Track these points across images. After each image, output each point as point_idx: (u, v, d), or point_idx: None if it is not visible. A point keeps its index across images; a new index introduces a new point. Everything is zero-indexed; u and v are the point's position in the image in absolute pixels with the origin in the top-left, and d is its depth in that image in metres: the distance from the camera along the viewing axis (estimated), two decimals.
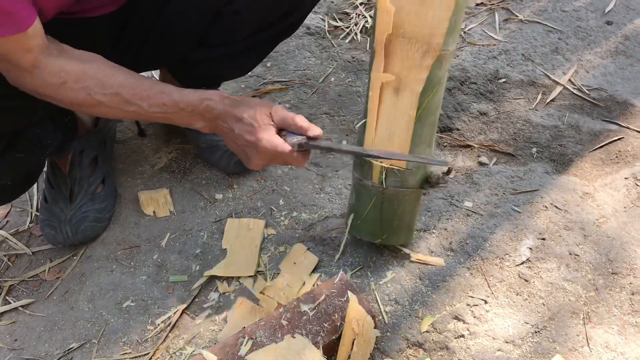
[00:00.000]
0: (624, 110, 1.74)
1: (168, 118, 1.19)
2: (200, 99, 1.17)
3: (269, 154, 1.17)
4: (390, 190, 1.22)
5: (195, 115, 1.18)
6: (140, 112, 1.16)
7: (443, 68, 1.14)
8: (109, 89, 1.12)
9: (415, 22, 1.08)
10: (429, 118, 1.18)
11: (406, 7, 1.07)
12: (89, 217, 1.48)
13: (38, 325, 1.35)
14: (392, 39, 1.11)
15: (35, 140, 1.35)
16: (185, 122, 1.21)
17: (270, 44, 1.52)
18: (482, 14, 2.22)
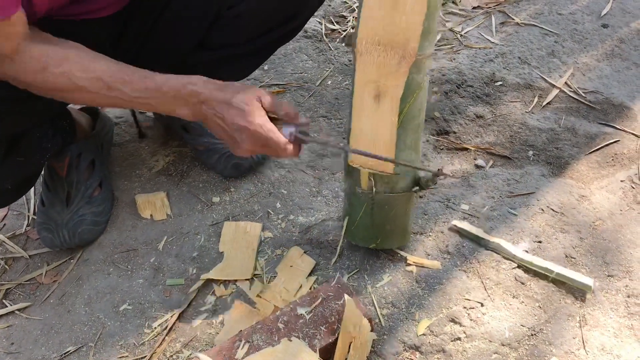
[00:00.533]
0: (620, 113, 1.75)
1: (150, 104, 1.15)
2: (183, 83, 1.13)
3: (262, 138, 1.12)
4: (380, 195, 1.23)
5: (179, 100, 1.14)
6: (122, 97, 1.12)
7: (421, 72, 1.12)
8: (90, 73, 1.09)
9: (389, 28, 1.06)
10: (411, 123, 1.17)
11: (379, 14, 1.06)
12: (86, 221, 1.48)
13: (35, 328, 1.35)
14: (369, 47, 1.10)
15: (36, 144, 1.35)
16: (169, 108, 1.15)
17: (271, 48, 1.52)
18: (479, 17, 2.22)
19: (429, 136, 1.72)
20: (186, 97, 1.13)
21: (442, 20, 2.24)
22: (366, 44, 1.09)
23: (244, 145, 1.14)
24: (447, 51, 2.06)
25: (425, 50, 1.09)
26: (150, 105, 1.15)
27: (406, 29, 1.05)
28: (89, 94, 1.11)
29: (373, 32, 1.07)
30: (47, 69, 1.07)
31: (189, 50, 1.43)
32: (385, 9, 1.04)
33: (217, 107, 1.13)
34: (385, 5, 1.04)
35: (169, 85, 1.13)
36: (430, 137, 1.72)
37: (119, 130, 1.84)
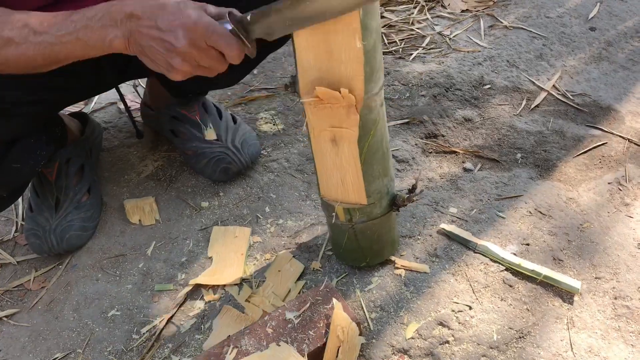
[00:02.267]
0: (608, 116, 1.76)
1: (78, 40, 1.00)
2: (110, 2, 1.00)
3: (199, 33, 0.95)
4: (360, 225, 1.23)
5: (106, 22, 0.98)
6: (50, 40, 1.00)
7: (374, 110, 1.07)
8: (17, 23, 1.01)
9: (331, 78, 0.99)
10: (375, 156, 1.13)
11: (317, 65, 0.98)
12: (74, 226, 1.48)
13: (22, 335, 1.34)
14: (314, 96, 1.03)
15: (30, 151, 1.35)
16: (97, 36, 0.99)
17: (261, 54, 1.51)
18: (467, 21, 2.23)
19: (417, 139, 1.72)
20: (113, 14, 0.98)
21: (430, 24, 2.24)
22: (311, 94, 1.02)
23: (180, 45, 0.96)
24: (435, 55, 2.07)
25: (372, 90, 1.04)
26: (79, 41, 1.01)
27: (347, 76, 0.98)
28: (17, 45, 1.01)
29: (316, 81, 1.00)
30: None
31: None
32: (321, 60, 0.97)
33: (148, 13, 0.97)
34: (320, 57, 0.97)
35: (95, 9, 1.00)
36: (419, 140, 1.72)
37: (108, 135, 1.84)
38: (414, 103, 1.84)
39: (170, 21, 0.95)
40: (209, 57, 0.99)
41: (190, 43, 0.96)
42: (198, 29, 0.95)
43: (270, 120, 1.83)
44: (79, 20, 1.00)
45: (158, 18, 0.96)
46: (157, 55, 0.99)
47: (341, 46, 0.95)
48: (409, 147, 1.69)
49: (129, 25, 0.98)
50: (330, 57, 0.97)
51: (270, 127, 1.80)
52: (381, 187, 1.19)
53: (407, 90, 1.89)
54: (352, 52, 0.95)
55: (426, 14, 2.31)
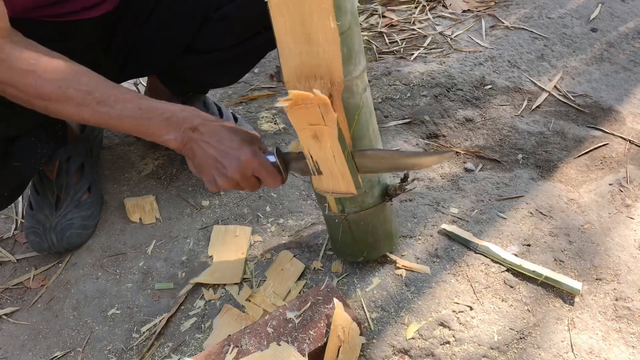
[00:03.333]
0: (609, 117, 1.76)
1: (139, 124, 1.09)
2: (180, 108, 1.10)
3: (250, 166, 1.09)
4: (353, 215, 1.22)
5: (171, 124, 1.09)
6: (111, 114, 1.07)
7: (356, 94, 1.07)
8: (83, 86, 1.05)
9: (311, 61, 1.00)
10: (362, 142, 1.12)
11: (297, 50, 1.00)
12: (75, 225, 1.47)
13: (22, 333, 1.34)
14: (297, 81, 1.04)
15: (31, 149, 1.34)
16: (157, 131, 1.09)
17: (258, 52, 1.52)
18: (469, 21, 2.23)
19: (418, 139, 1.72)
20: (180, 121, 1.09)
21: (432, 24, 2.24)
22: (295, 80, 1.04)
23: (231, 172, 1.09)
24: (437, 54, 2.07)
25: (352, 72, 1.05)
26: (139, 125, 1.09)
27: (326, 59, 1.00)
28: (76, 107, 1.06)
29: (298, 66, 1.02)
30: (35, 73, 1.03)
31: (178, 53, 1.42)
32: (300, 43, 0.99)
33: (210, 133, 1.09)
34: (299, 40, 0.99)
35: (164, 108, 1.09)
36: (420, 140, 1.72)
37: (109, 134, 1.83)
38: (415, 103, 1.84)
39: (229, 148, 1.08)
40: (249, 183, 1.13)
41: (240, 172, 1.09)
42: (251, 163, 1.09)
43: (271, 119, 1.83)
44: (146, 109, 1.08)
45: (220, 141, 1.08)
46: (206, 168, 1.11)
47: (317, 28, 0.96)
48: (410, 147, 1.69)
49: (190, 135, 1.09)
50: (308, 40, 0.98)
51: (271, 126, 1.80)
52: (371, 176, 1.18)
53: (409, 90, 1.89)
54: (328, 33, 0.97)
55: (427, 14, 2.31)
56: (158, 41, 1.39)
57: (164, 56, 1.44)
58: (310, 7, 0.95)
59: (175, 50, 1.43)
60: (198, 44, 1.41)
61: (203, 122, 1.10)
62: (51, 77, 1.04)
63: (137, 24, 1.36)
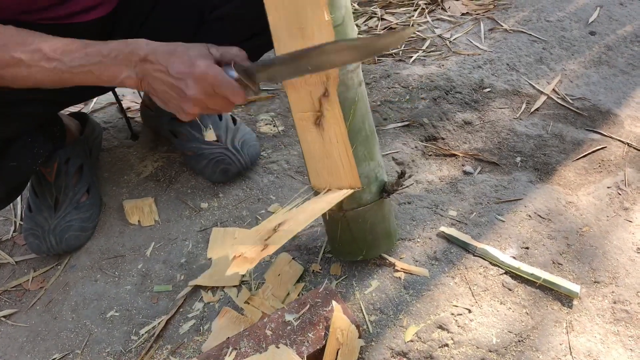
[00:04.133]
0: (607, 120, 1.76)
1: (90, 72, 1.06)
2: (125, 43, 1.06)
3: (208, 82, 1.04)
4: (351, 213, 1.23)
5: (120, 61, 1.05)
6: (61, 68, 1.04)
7: (351, 88, 1.10)
8: (29, 46, 1.04)
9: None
10: (358, 136, 1.14)
11: (292, 44, 1.03)
12: (73, 227, 1.47)
13: (21, 335, 1.34)
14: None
15: (28, 149, 1.35)
16: (110, 73, 1.06)
17: (256, 54, 1.52)
18: (468, 24, 2.24)
19: (417, 142, 1.72)
20: (128, 55, 1.05)
21: (431, 27, 2.25)
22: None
23: (190, 93, 1.05)
24: (435, 57, 2.07)
25: (347, 66, 1.08)
26: (91, 74, 1.07)
27: None
28: (27, 68, 1.04)
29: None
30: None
31: None
32: (294, 38, 1.02)
33: (160, 59, 1.05)
34: (293, 35, 1.02)
35: (110, 47, 1.06)
36: (419, 143, 1.72)
37: (108, 136, 1.83)
38: (414, 106, 1.84)
39: (181, 69, 1.03)
40: (216, 103, 1.08)
41: (200, 91, 1.04)
42: (207, 78, 1.04)
43: (270, 121, 1.83)
44: (93, 54, 1.05)
45: (169, 65, 1.03)
46: (169, 98, 1.08)
47: (312, 21, 0.99)
48: (409, 149, 1.69)
49: (143, 68, 1.05)
50: (303, 34, 1.01)
51: (270, 129, 1.81)
52: (368, 172, 1.19)
53: (407, 92, 1.89)
54: (322, 27, 0.99)
55: (426, 17, 2.31)
56: None
57: None
58: (304, 1, 0.97)
59: None
60: None
61: (152, 50, 1.05)
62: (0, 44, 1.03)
63: (134, 28, 1.36)
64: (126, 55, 1.05)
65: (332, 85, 1.07)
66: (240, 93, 1.07)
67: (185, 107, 1.08)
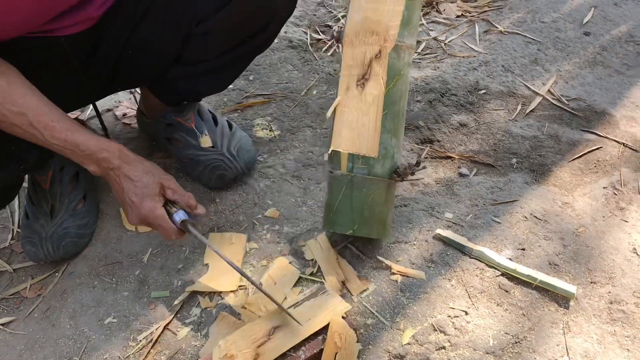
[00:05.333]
0: (602, 120, 1.77)
1: (63, 153, 1.20)
2: (100, 148, 1.20)
3: (148, 220, 1.23)
4: (358, 177, 1.27)
5: (91, 160, 1.21)
6: (40, 138, 1.16)
7: (401, 60, 1.25)
8: (16, 107, 1.12)
9: (373, 17, 1.22)
10: (392, 108, 1.26)
11: (367, 6, 1.23)
12: (70, 233, 1.48)
13: (19, 343, 1.34)
14: (356, 36, 1.24)
15: (11, 157, 1.34)
16: (79, 161, 1.22)
17: (246, 59, 1.53)
18: (462, 26, 2.24)
19: (413, 145, 1.73)
20: (99, 160, 1.21)
21: (426, 29, 2.25)
22: (353, 34, 1.24)
23: (131, 219, 1.25)
24: (431, 60, 2.08)
25: (405, 39, 1.24)
26: (63, 153, 1.20)
27: (388, 17, 1.22)
28: (9, 124, 1.14)
29: (360, 22, 1.23)
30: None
31: (164, 68, 1.43)
32: (371, 1, 1.22)
33: (121, 178, 1.22)
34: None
35: (86, 146, 1.18)
36: (415, 145, 1.73)
37: None
38: (410, 108, 1.84)
39: (132, 197, 1.22)
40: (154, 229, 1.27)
41: (139, 221, 1.24)
42: (148, 218, 1.23)
43: (266, 126, 1.83)
44: (70, 145, 1.17)
45: (125, 187, 1.22)
46: (119, 199, 1.27)
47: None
48: (405, 152, 1.70)
49: (107, 173, 1.24)
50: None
51: (266, 134, 1.81)
52: (387, 144, 1.27)
53: None
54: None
55: (421, 19, 2.32)
56: (142, 58, 1.40)
57: (149, 72, 1.45)
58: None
59: (160, 67, 1.43)
60: (185, 57, 1.41)
61: (119, 166, 1.22)
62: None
63: (120, 41, 1.36)
64: (98, 159, 1.21)
65: (387, 48, 1.22)
66: (176, 234, 1.24)
67: (129, 218, 1.26)
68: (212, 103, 1.95)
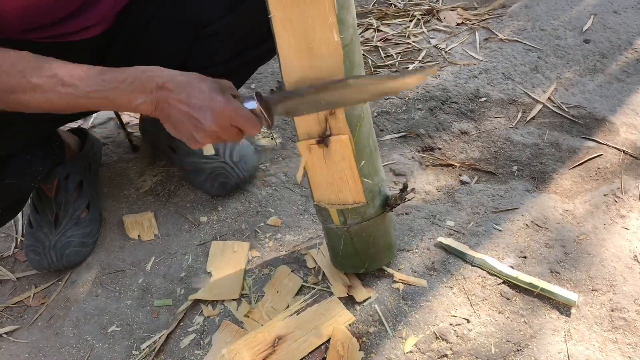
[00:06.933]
0: (603, 128, 1.77)
1: (106, 98, 1.07)
2: (141, 70, 1.08)
3: (226, 115, 1.06)
4: (354, 227, 1.23)
5: (137, 87, 1.06)
6: (77, 93, 1.05)
7: (357, 107, 1.11)
8: (45, 71, 1.05)
9: (313, 75, 1.03)
10: (363, 153, 1.14)
11: (300, 64, 1.02)
12: (74, 242, 1.48)
13: (22, 352, 1.35)
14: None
15: (25, 167, 1.35)
16: (126, 98, 1.07)
17: (251, 67, 1.53)
18: (463, 34, 2.25)
19: (414, 153, 1.74)
20: (145, 82, 1.07)
21: (426, 37, 2.26)
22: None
23: (207, 125, 1.06)
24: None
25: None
26: (107, 99, 1.08)
27: (328, 73, 1.03)
28: (43, 93, 1.06)
29: (299, 82, 1.04)
30: (1, 68, 1.04)
31: None
32: (302, 58, 1.02)
33: (179, 88, 1.06)
34: (301, 55, 1.01)
35: (126, 73, 1.07)
36: (416, 153, 1.74)
37: (107, 151, 1.85)
38: (411, 116, 1.85)
39: (200, 101, 1.05)
40: (230, 134, 1.09)
41: (217, 123, 1.05)
42: (226, 112, 1.05)
43: (268, 134, 1.84)
44: (109, 80, 1.05)
45: (189, 95, 1.05)
46: (182, 126, 1.08)
47: (320, 42, 0.99)
48: (406, 160, 1.70)
49: (159, 95, 1.06)
50: (311, 54, 1.00)
51: (269, 142, 1.82)
52: (372, 187, 1.19)
53: (404, 103, 1.90)
54: (331, 47, 0.99)
55: (422, 28, 2.33)
56: (150, 62, 1.40)
57: None
58: (314, 22, 0.97)
59: None
60: (191, 62, 1.42)
61: (170, 78, 1.07)
62: (15, 69, 1.04)
63: (129, 46, 1.37)
64: (143, 81, 1.06)
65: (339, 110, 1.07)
66: (257, 125, 1.08)
67: (197, 136, 1.08)
68: None
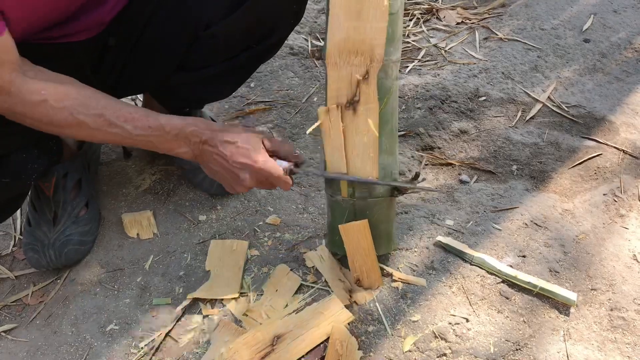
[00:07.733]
0: (602, 127, 1.77)
1: (150, 142, 1.18)
2: (186, 123, 1.18)
3: (263, 175, 1.18)
4: (361, 201, 1.25)
5: (180, 139, 1.18)
6: (123, 134, 1.14)
7: (390, 77, 1.17)
8: (92, 110, 1.11)
9: (356, 36, 1.12)
10: (385, 127, 1.20)
11: (346, 24, 1.11)
12: (73, 240, 1.48)
13: (21, 350, 1.34)
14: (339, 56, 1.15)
15: (21, 165, 1.35)
16: (168, 146, 1.19)
17: (251, 66, 1.53)
18: (463, 33, 2.25)
19: (413, 152, 1.73)
20: (188, 136, 1.17)
21: (426, 36, 2.26)
22: (337, 55, 1.14)
23: (245, 182, 1.19)
24: (431, 67, 2.09)
25: (391, 55, 1.15)
26: (150, 143, 1.18)
27: (372, 35, 1.11)
28: (90, 130, 1.13)
29: (341, 42, 1.13)
30: (47, 102, 1.08)
31: (169, 72, 1.43)
32: (351, 19, 1.10)
33: (220, 146, 1.17)
34: (350, 15, 1.09)
35: (171, 125, 1.16)
36: (415, 152, 1.74)
37: (106, 149, 1.84)
38: (410, 115, 1.85)
39: (240, 160, 1.17)
40: (263, 187, 1.25)
41: (255, 182, 1.20)
42: (263, 172, 1.18)
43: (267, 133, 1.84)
44: (155, 127, 1.15)
45: (232, 154, 1.17)
46: (222, 177, 1.23)
47: (370, 4, 1.08)
48: (406, 159, 1.70)
49: (202, 149, 1.19)
50: (359, 16, 1.10)
51: None
52: (385, 165, 1.23)
53: (403, 102, 1.90)
54: (379, 11, 1.09)
55: (422, 27, 2.33)
56: (148, 63, 1.40)
57: (154, 77, 1.46)
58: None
59: (165, 71, 1.44)
60: (189, 62, 1.42)
61: (212, 136, 1.17)
62: (62, 105, 1.09)
63: (127, 46, 1.37)
64: (187, 134, 1.17)
65: (374, 68, 1.13)
66: (288, 184, 1.22)
67: (237, 188, 1.22)
68: (214, 110, 1.96)
